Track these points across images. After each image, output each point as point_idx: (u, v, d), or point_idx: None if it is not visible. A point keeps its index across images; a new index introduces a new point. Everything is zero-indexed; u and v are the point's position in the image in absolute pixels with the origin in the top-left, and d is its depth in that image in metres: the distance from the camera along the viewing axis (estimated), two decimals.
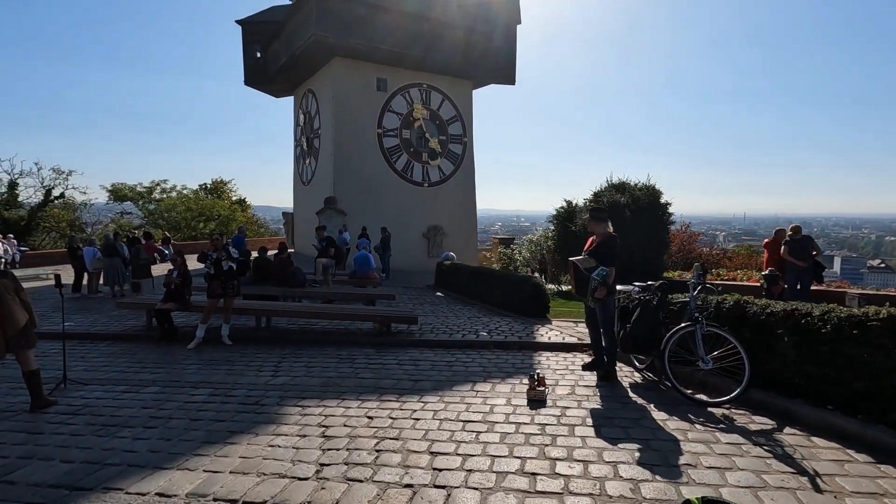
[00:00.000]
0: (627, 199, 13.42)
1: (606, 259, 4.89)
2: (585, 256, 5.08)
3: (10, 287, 4.37)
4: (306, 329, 7.40)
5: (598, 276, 4.71)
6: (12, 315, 4.31)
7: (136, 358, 6.23)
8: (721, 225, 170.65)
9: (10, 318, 4.29)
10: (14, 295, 4.38)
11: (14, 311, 4.32)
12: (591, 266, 4.80)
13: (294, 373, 5.35)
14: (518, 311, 8.61)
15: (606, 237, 5.07)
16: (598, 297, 4.73)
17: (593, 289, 4.72)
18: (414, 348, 6.39)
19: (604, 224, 5.08)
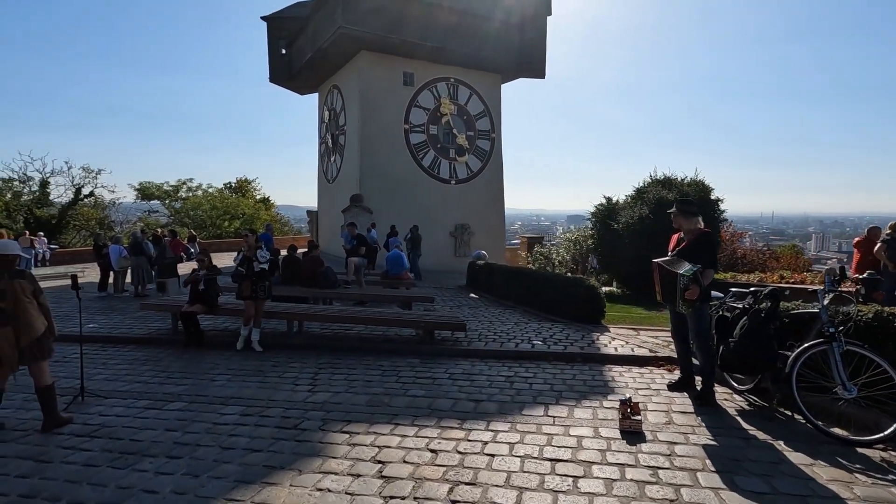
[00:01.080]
0: (675, 195, 12.46)
1: (700, 261, 4.12)
2: (672, 257, 4.32)
3: (28, 289, 3.85)
4: (341, 335, 6.80)
5: (687, 272, 3.96)
6: (29, 322, 3.79)
7: (161, 366, 5.71)
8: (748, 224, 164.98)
9: (27, 325, 3.77)
10: (32, 298, 3.86)
11: (31, 318, 3.80)
12: (682, 270, 4.04)
13: (334, 387, 4.72)
14: (569, 317, 7.85)
15: (698, 234, 4.29)
16: (689, 299, 3.96)
17: (683, 287, 3.96)
18: (463, 359, 5.71)
19: (694, 219, 4.32)
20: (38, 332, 3.86)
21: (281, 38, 23.28)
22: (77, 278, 4.66)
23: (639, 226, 12.41)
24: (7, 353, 3.68)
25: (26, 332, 3.78)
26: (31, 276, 3.93)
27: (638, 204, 12.93)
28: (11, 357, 3.71)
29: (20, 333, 3.76)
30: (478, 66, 20.76)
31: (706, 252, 4.19)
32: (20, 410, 4.27)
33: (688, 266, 4.04)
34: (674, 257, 4.30)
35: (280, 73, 23.24)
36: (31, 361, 3.84)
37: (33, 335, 3.82)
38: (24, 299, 3.80)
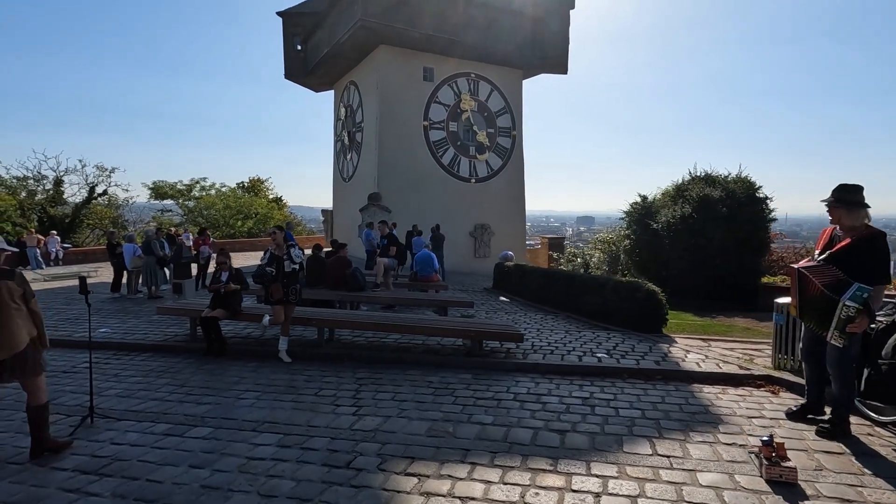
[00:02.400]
0: (721, 193, 11.64)
1: (870, 271, 3.11)
2: (822, 263, 3.34)
3: (17, 293, 3.20)
4: (377, 344, 6.10)
5: (854, 300, 3.06)
6: (11, 332, 3.13)
7: (180, 378, 5.06)
8: None
9: (8, 336, 3.11)
10: (20, 303, 3.21)
11: (13, 327, 3.15)
12: (847, 296, 3.10)
13: (383, 410, 4.02)
14: (624, 324, 7.08)
15: (865, 235, 3.21)
16: (851, 332, 3.11)
17: (846, 319, 3.08)
18: (521, 374, 4.98)
19: (859, 212, 3.26)
20: (21, 344, 3.19)
21: (296, 34, 22.77)
22: (86, 280, 4.01)
23: (681, 225, 11.61)
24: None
25: (6, 345, 3.12)
26: (22, 277, 3.27)
27: (679, 202, 12.12)
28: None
29: (1, 346, 3.11)
30: (499, 60, 20.08)
31: (877, 260, 3.14)
32: (18, 436, 3.62)
33: (853, 289, 3.09)
34: (825, 264, 3.31)
35: (295, 69, 22.72)
36: (13, 378, 3.19)
37: (14, 348, 3.15)
38: (11, 304, 3.15)
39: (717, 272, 11.12)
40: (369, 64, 19.29)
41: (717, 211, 11.24)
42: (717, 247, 11.14)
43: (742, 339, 6.40)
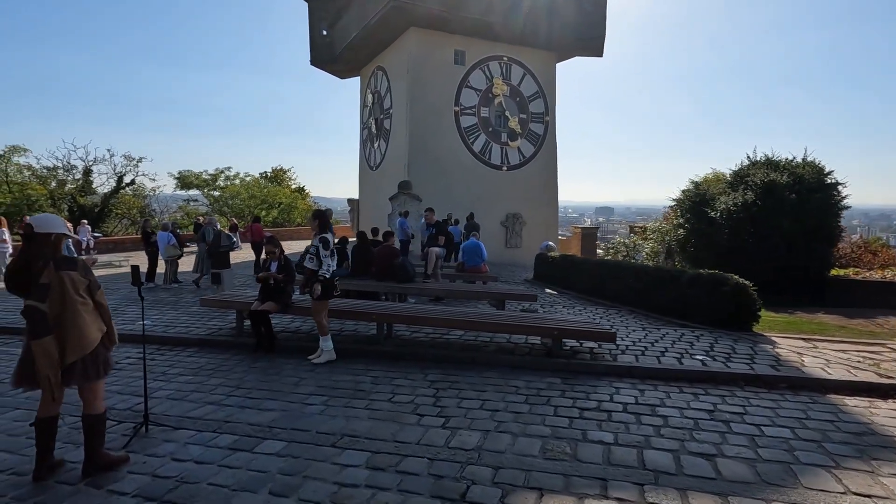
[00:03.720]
0: (788, 178, 10.74)
1: None
2: None
3: (82, 284, 2.72)
4: (440, 342, 5.55)
5: None
6: (81, 330, 2.66)
7: (233, 378, 4.58)
8: None
9: (79, 334, 2.65)
10: (86, 296, 2.73)
11: (84, 324, 2.68)
12: None
13: (476, 421, 3.45)
14: (705, 321, 6.41)
15: None
16: None
17: None
18: (616, 379, 4.37)
19: None
20: (93, 343, 2.72)
21: (323, 19, 22.20)
22: (139, 270, 3.52)
23: (742, 213, 10.77)
24: (45, 371, 2.57)
25: (77, 344, 2.65)
26: (85, 266, 2.78)
27: (740, 188, 11.27)
28: (53, 377, 2.59)
29: (68, 345, 2.64)
30: (532, 43, 19.18)
31: None
32: (66, 447, 3.17)
33: None
34: None
35: (321, 55, 22.17)
36: (81, 382, 2.72)
37: (85, 348, 2.68)
38: (77, 298, 2.67)
39: (783, 264, 10.29)
40: (399, 47, 18.63)
41: (784, 197, 10.38)
42: (784, 236, 10.30)
43: (852, 340, 5.67)
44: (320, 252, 5.00)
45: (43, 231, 2.65)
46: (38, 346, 2.53)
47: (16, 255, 2.66)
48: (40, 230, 2.64)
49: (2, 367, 5.18)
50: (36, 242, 2.63)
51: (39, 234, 2.64)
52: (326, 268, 4.99)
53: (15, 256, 2.64)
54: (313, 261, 5.08)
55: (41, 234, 2.64)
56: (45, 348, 2.55)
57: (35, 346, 2.54)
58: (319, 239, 5.07)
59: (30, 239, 2.63)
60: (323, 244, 5.02)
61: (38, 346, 2.53)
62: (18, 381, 2.67)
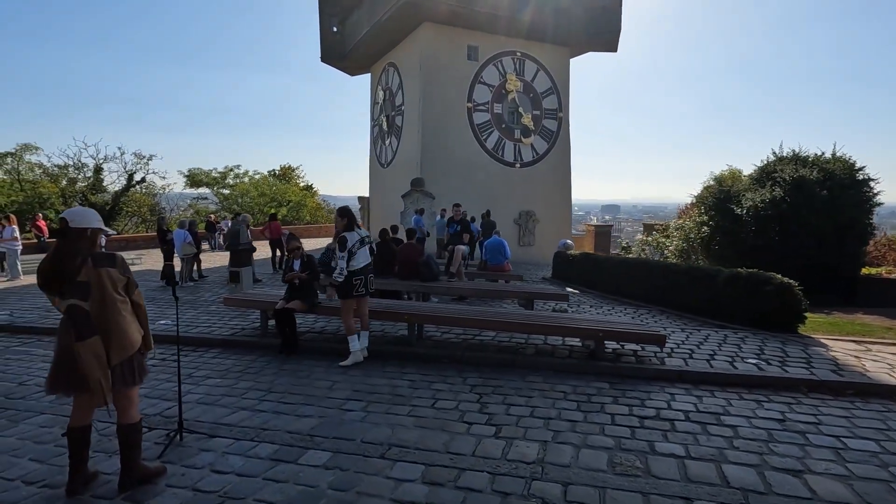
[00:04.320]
0: (818, 174, 10.42)
1: None
2: None
3: (120, 282, 2.54)
4: (474, 343, 5.32)
5: None
6: (123, 331, 2.48)
7: (263, 381, 4.38)
8: None
9: (121, 335, 2.48)
10: (125, 295, 2.55)
11: (126, 324, 2.50)
12: None
13: (530, 432, 3.22)
14: (743, 321, 6.16)
15: None
16: None
17: None
18: (667, 384, 4.13)
19: None
20: (136, 344, 2.54)
21: (333, 15, 22.02)
22: (173, 269, 3.32)
23: (771, 209, 10.47)
24: (97, 374, 2.38)
25: (120, 346, 2.46)
26: (123, 262, 2.58)
27: (767, 185, 10.95)
28: (104, 380, 2.41)
29: (111, 347, 2.45)
30: (546, 38, 18.89)
31: None
32: (98, 456, 2.97)
33: None
34: None
35: (332, 51, 21.98)
36: (120, 387, 2.53)
37: (129, 349, 2.50)
38: (116, 297, 2.48)
39: (812, 262, 9.98)
40: (411, 43, 18.40)
41: (814, 194, 10.06)
42: (814, 234, 10.00)
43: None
44: (337, 253, 4.77)
45: (78, 226, 2.45)
46: (85, 347, 2.35)
47: (50, 251, 2.46)
48: (75, 225, 2.44)
49: (21, 368, 5.02)
50: (71, 238, 2.44)
51: (74, 228, 2.44)
52: (340, 270, 4.72)
53: (49, 253, 2.45)
54: (334, 260, 4.88)
55: (76, 228, 2.45)
56: (93, 349, 2.37)
57: (81, 347, 2.35)
58: (338, 239, 4.82)
59: (64, 234, 2.43)
60: (339, 244, 4.77)
61: (85, 348, 2.35)
62: (53, 387, 2.48)
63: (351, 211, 5.11)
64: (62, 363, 2.46)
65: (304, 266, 5.46)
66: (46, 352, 5.65)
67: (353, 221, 4.98)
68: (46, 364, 5.14)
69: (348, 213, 5.01)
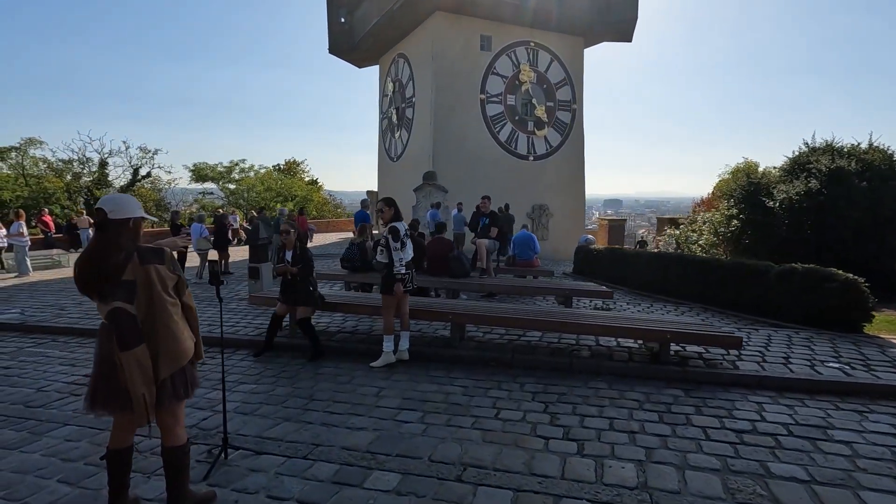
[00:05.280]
0: (854, 164, 10.01)
1: None
2: None
3: (171, 280, 2.18)
4: (518, 344, 4.97)
5: None
6: (175, 338, 2.13)
7: (302, 387, 4.03)
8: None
9: (173, 343, 2.13)
10: (175, 297, 2.19)
11: (176, 329, 2.14)
12: None
13: (618, 449, 2.85)
14: (800, 320, 5.79)
15: None
16: None
17: None
18: (748, 391, 3.77)
19: None
20: (188, 353, 2.18)
21: (341, 6, 21.57)
22: (217, 266, 2.96)
23: (805, 202, 10.07)
24: (140, 389, 2.02)
25: (171, 356, 2.11)
26: (173, 258, 2.21)
27: (802, 177, 10.55)
28: (148, 396, 2.05)
29: (160, 357, 2.09)
30: (560, 27, 18.43)
31: None
32: (135, 478, 2.63)
33: None
34: None
35: (340, 43, 21.54)
36: (171, 402, 2.17)
37: (181, 359, 2.15)
38: (166, 298, 2.12)
39: (849, 256, 9.59)
40: (423, 33, 17.95)
41: (854, 186, 9.66)
42: (851, 227, 9.61)
43: None
44: (390, 244, 4.45)
45: (119, 216, 2.08)
46: (129, 357, 1.99)
47: (88, 247, 2.09)
48: (115, 216, 2.07)
49: (38, 372, 4.68)
50: (112, 231, 2.07)
51: (114, 220, 2.07)
52: (399, 261, 4.44)
53: (87, 249, 2.08)
54: (384, 254, 4.54)
55: (117, 220, 2.08)
56: (138, 360, 2.01)
57: (126, 358, 1.99)
58: (389, 229, 4.51)
59: (103, 227, 2.07)
60: (392, 234, 4.46)
61: (129, 358, 1.99)
62: (94, 404, 2.12)
63: (395, 202, 4.77)
64: (103, 376, 2.11)
65: (296, 259, 4.92)
66: (63, 353, 5.31)
67: (399, 211, 4.69)
68: (65, 367, 4.81)
69: (393, 202, 4.69)
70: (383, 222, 4.66)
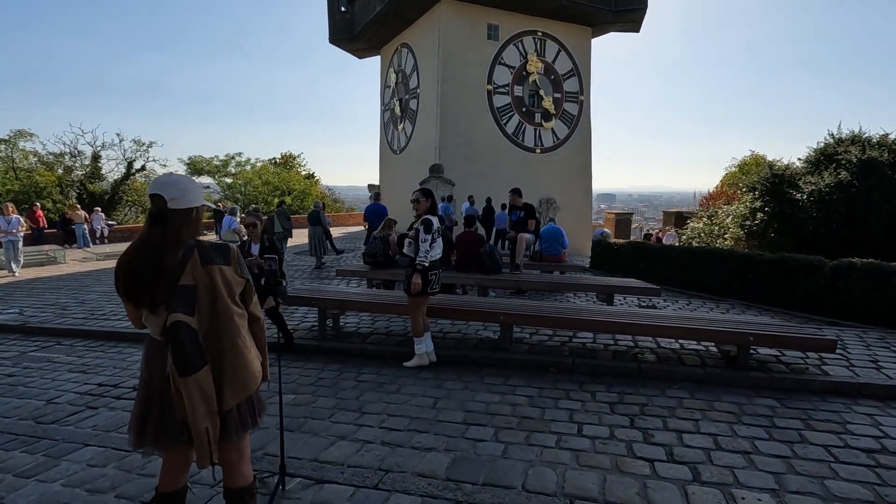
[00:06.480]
0: (889, 156, 9.72)
1: None
2: None
3: (238, 284, 1.73)
4: (573, 347, 4.58)
5: None
6: (243, 359, 1.69)
7: (346, 397, 3.60)
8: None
9: (241, 366, 1.69)
10: (241, 306, 1.74)
11: (246, 351, 1.71)
12: None
13: (741, 475, 2.44)
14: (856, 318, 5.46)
15: None
16: None
17: None
18: (850, 400, 3.40)
19: None
20: (257, 379, 1.75)
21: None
22: (277, 262, 2.52)
23: (836, 194, 9.76)
24: (203, 422, 1.58)
25: (239, 381, 1.67)
26: (239, 258, 1.76)
27: (831, 168, 10.24)
28: (212, 430, 1.61)
29: (225, 382, 1.66)
30: (567, 16, 17.99)
31: None
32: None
33: None
34: None
35: (341, 33, 20.93)
36: (234, 436, 1.74)
37: (251, 385, 1.71)
38: (234, 308, 1.68)
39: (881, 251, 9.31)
40: (428, 22, 17.41)
41: (888, 177, 9.37)
42: (884, 219, 9.32)
43: None
44: (420, 235, 4.07)
45: (181, 206, 1.64)
46: (191, 384, 1.54)
47: (136, 243, 1.64)
48: (177, 204, 1.63)
49: (46, 381, 4.21)
50: (171, 224, 1.63)
51: (175, 210, 1.63)
52: (424, 254, 4.04)
53: (136, 246, 1.63)
54: (411, 246, 4.15)
55: (178, 210, 1.64)
56: (201, 387, 1.56)
57: (186, 384, 1.54)
58: (422, 221, 4.13)
59: (162, 220, 1.62)
60: (425, 227, 4.07)
61: (191, 385, 1.54)
62: (141, 439, 1.69)
63: (433, 193, 4.38)
64: (154, 404, 1.68)
65: (263, 251, 4.42)
66: (70, 358, 4.84)
67: (436, 204, 4.32)
68: (75, 374, 4.35)
69: (433, 194, 4.30)
70: (417, 214, 4.28)
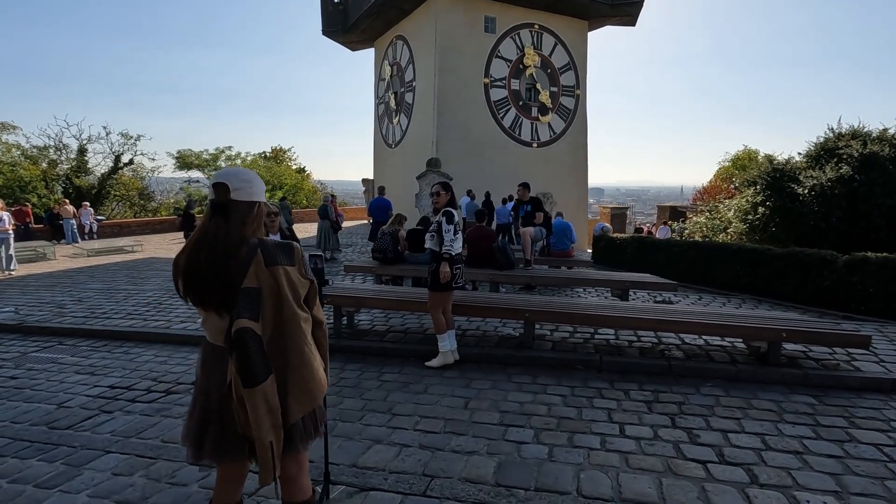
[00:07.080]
0: (890, 151, 9.79)
1: None
2: None
3: (302, 286, 1.59)
4: (598, 344, 4.50)
5: None
6: (309, 368, 1.56)
7: (372, 398, 3.48)
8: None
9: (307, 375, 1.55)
10: (306, 310, 1.60)
11: (312, 359, 1.57)
12: None
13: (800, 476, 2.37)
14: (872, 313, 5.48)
15: None
16: None
17: None
18: (887, 397, 3.39)
19: None
20: (323, 389, 1.62)
21: None
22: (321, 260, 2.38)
23: (837, 188, 9.83)
24: (268, 436, 1.44)
25: (305, 391, 1.54)
26: (303, 258, 1.62)
27: (832, 162, 10.31)
28: (276, 444, 1.48)
29: (290, 392, 1.53)
30: (564, 9, 17.91)
31: None
32: None
33: None
34: None
35: (333, 25, 20.58)
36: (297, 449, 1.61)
37: (317, 396, 1.58)
38: (299, 313, 1.55)
39: (883, 245, 9.41)
40: (424, 14, 17.19)
41: (886, 171, 9.45)
42: (885, 214, 9.42)
43: None
44: (443, 228, 3.98)
45: (245, 198, 1.50)
46: (256, 395, 1.40)
47: (196, 237, 1.50)
48: (241, 196, 1.49)
49: (53, 384, 4.02)
50: (233, 216, 1.49)
51: (239, 202, 1.49)
52: (449, 243, 3.96)
53: (201, 236, 1.49)
54: (433, 239, 4.05)
55: (243, 202, 1.50)
56: (266, 398, 1.42)
57: (251, 395, 1.41)
58: (443, 213, 4.04)
59: (226, 211, 1.48)
60: (447, 218, 3.99)
61: (256, 396, 1.40)
62: (200, 452, 1.56)
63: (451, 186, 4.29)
64: (211, 416, 1.55)
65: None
66: (76, 359, 4.65)
67: (455, 198, 4.22)
68: (83, 376, 4.16)
69: (450, 187, 4.21)
70: (436, 208, 4.19)
